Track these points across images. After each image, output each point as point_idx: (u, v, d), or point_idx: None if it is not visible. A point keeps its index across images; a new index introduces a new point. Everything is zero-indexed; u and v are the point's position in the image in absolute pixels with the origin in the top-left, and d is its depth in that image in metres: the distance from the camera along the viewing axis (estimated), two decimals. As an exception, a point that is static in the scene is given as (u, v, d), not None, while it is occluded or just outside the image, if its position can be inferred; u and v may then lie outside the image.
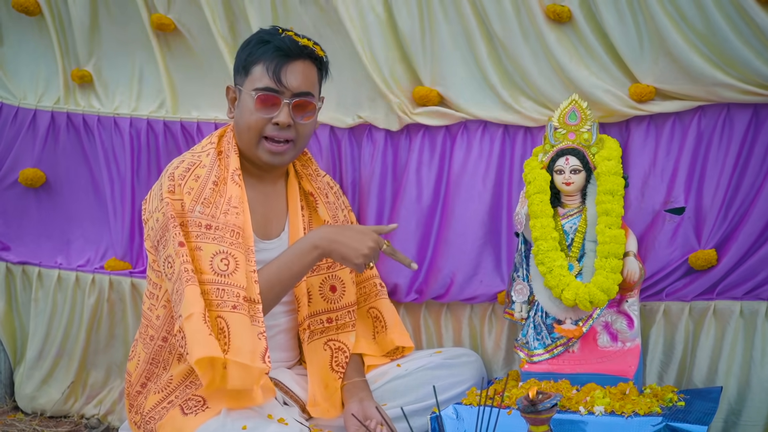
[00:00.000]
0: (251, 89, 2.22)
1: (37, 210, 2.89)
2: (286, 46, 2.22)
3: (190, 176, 2.16)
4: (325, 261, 2.36)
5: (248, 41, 2.28)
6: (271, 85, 2.21)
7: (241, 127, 2.25)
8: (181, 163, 2.20)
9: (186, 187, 2.13)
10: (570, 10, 2.33)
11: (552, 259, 2.19)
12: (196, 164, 2.19)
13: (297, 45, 2.23)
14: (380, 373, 2.38)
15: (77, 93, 2.83)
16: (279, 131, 2.23)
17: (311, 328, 2.33)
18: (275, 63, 2.21)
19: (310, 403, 2.24)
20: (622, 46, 2.29)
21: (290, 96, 2.22)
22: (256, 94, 2.20)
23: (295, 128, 2.24)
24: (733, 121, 2.27)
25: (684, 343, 2.36)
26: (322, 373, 2.31)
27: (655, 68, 2.27)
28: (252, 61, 2.23)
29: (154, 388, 2.16)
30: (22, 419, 2.82)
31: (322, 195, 2.39)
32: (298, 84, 2.23)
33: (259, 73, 2.22)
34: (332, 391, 2.29)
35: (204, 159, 2.21)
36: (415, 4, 2.45)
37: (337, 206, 2.43)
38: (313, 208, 2.38)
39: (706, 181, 2.31)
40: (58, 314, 2.84)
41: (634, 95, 2.30)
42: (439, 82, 2.47)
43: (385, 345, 2.44)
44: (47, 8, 2.79)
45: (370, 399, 2.24)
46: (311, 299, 2.34)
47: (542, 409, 1.83)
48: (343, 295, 2.38)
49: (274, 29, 2.28)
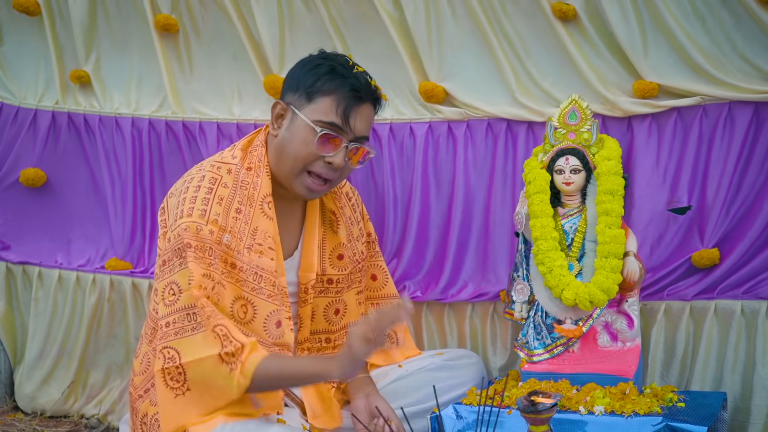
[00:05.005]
0: (313, 119, 2.09)
1: (38, 210, 2.89)
2: (361, 87, 2.11)
3: (213, 200, 2.04)
4: (335, 285, 2.29)
5: (316, 65, 2.13)
6: (337, 122, 2.09)
7: (286, 152, 2.11)
8: (199, 172, 2.10)
9: (212, 214, 2.02)
10: (575, 9, 2.34)
11: (552, 259, 2.19)
12: (217, 181, 2.07)
13: (370, 88, 2.14)
14: (381, 373, 2.37)
15: (77, 93, 2.83)
16: (328, 170, 2.12)
17: (308, 347, 2.30)
18: (347, 103, 2.09)
19: (311, 416, 2.20)
20: (626, 43, 2.30)
21: (351, 139, 2.12)
22: (321, 131, 2.07)
23: (342, 170, 2.15)
24: (735, 120, 2.27)
25: (685, 343, 2.36)
26: (317, 385, 2.27)
27: (659, 65, 2.29)
28: (321, 91, 2.10)
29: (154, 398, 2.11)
30: (22, 419, 2.83)
31: (343, 214, 2.32)
32: (363, 128, 2.14)
33: (326, 106, 2.09)
34: (329, 403, 2.26)
35: (225, 175, 2.09)
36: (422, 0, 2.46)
37: (353, 221, 2.35)
38: (330, 228, 2.30)
39: (708, 179, 2.31)
40: (59, 314, 2.84)
41: (638, 92, 2.31)
42: (445, 77, 2.48)
43: (394, 358, 2.42)
44: (46, 8, 2.79)
45: (376, 394, 2.23)
46: (314, 318, 2.30)
47: (542, 409, 1.82)
48: (344, 316, 2.34)
49: (345, 59, 2.16)
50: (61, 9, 2.79)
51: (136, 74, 2.80)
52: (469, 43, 2.46)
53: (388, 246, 2.58)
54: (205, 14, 2.69)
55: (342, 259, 2.29)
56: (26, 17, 2.84)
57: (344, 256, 2.29)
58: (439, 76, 2.49)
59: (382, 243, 2.55)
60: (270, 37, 2.61)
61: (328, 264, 2.28)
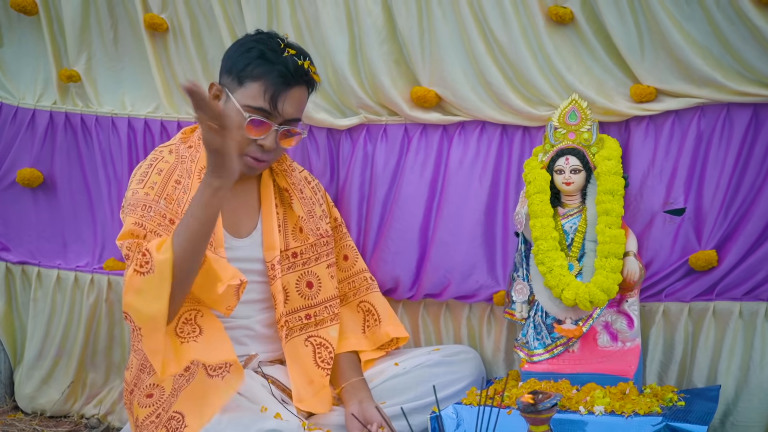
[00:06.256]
0: (243, 104, 2.19)
1: (36, 210, 2.88)
2: (289, 72, 2.19)
3: (152, 171, 2.16)
4: (300, 257, 2.35)
5: (248, 48, 2.23)
6: (265, 107, 2.19)
7: None
8: (144, 161, 2.21)
9: (149, 182, 2.13)
10: (572, 12, 2.33)
11: (552, 258, 2.19)
12: (158, 159, 2.19)
13: (299, 70, 2.21)
14: (378, 371, 2.37)
15: (74, 93, 2.83)
16: (261, 152, 2.23)
17: (289, 325, 2.31)
18: (274, 89, 2.19)
19: (296, 399, 2.22)
20: (623, 47, 2.29)
21: (280, 122, 2.22)
22: (249, 117, 2.18)
23: (276, 150, 2.25)
24: (733, 121, 2.27)
25: (684, 344, 2.36)
26: (306, 369, 2.29)
27: (656, 69, 2.28)
28: (249, 76, 2.19)
29: (139, 394, 2.13)
30: (22, 419, 2.82)
31: (297, 190, 2.37)
32: (292, 111, 2.23)
33: (254, 91, 2.19)
34: (318, 387, 2.28)
35: (166, 155, 2.21)
36: (414, 4, 2.45)
37: (314, 201, 2.41)
38: (288, 204, 2.37)
39: (706, 181, 2.30)
40: (57, 314, 2.84)
41: (635, 95, 2.30)
42: (437, 82, 2.47)
43: (380, 338, 2.44)
44: (44, 8, 2.79)
45: (370, 400, 2.23)
46: (288, 297, 2.33)
47: (542, 409, 1.83)
48: (319, 290, 2.37)
49: (277, 43, 2.24)
50: (57, 8, 2.79)
51: (129, 73, 2.80)
52: (460, 47, 2.43)
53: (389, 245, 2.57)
54: (192, 14, 2.68)
55: (302, 232, 2.35)
56: (25, 17, 2.84)
57: (304, 228, 2.35)
58: (431, 80, 2.48)
59: (381, 243, 2.55)
60: None
61: (291, 239, 2.35)
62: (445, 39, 2.43)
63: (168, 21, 2.70)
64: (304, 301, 2.35)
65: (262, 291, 2.31)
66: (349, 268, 2.51)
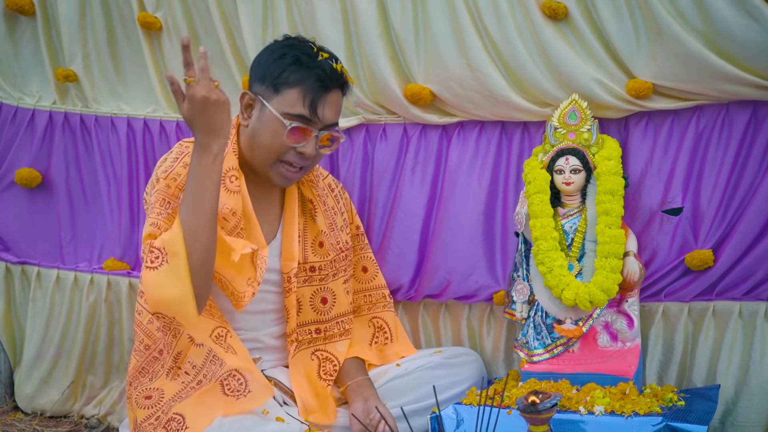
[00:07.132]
0: (282, 112, 2.13)
1: (35, 210, 2.88)
2: (326, 75, 2.15)
3: (178, 164, 2.11)
4: (318, 273, 2.32)
5: (280, 54, 2.17)
6: (305, 114, 2.13)
7: (257, 143, 2.17)
8: (170, 153, 2.17)
9: (173, 173, 2.09)
10: (566, 7, 2.31)
11: (552, 258, 2.19)
12: (184, 153, 2.13)
13: (335, 73, 2.17)
14: (380, 372, 2.37)
15: (73, 93, 2.83)
16: (300, 159, 2.17)
17: (299, 339, 2.30)
18: (313, 94, 2.13)
19: (303, 412, 2.21)
20: (619, 42, 2.27)
21: (321, 128, 2.17)
22: (290, 124, 2.12)
23: (316, 157, 2.20)
24: (732, 121, 2.26)
25: (683, 344, 2.36)
26: (310, 381, 2.28)
27: (653, 64, 2.25)
28: (286, 82, 2.14)
29: (137, 395, 2.13)
30: (22, 419, 2.82)
31: (321, 202, 2.34)
32: (331, 116, 2.18)
33: (293, 98, 2.13)
34: (323, 399, 2.26)
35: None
36: (410, 1, 2.44)
37: (336, 210, 2.38)
38: (311, 216, 2.33)
39: (704, 180, 2.30)
40: (56, 314, 2.83)
41: (632, 91, 2.27)
42: (432, 79, 2.46)
43: (388, 356, 2.43)
44: (41, 8, 2.79)
45: (375, 398, 2.23)
46: (301, 310, 2.31)
47: (542, 409, 1.83)
48: (333, 306, 2.35)
49: (309, 47, 2.19)
50: (54, 8, 2.79)
51: (127, 74, 2.80)
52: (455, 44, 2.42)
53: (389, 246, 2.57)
54: (188, 12, 2.68)
55: (323, 247, 2.32)
56: (23, 17, 2.84)
57: (324, 243, 2.32)
58: (426, 77, 2.46)
59: (381, 243, 2.55)
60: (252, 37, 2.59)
61: (310, 252, 2.31)
62: (440, 35, 2.41)
63: (162, 20, 2.70)
64: (316, 315, 2.33)
65: (275, 302, 2.29)
66: (368, 281, 2.48)
